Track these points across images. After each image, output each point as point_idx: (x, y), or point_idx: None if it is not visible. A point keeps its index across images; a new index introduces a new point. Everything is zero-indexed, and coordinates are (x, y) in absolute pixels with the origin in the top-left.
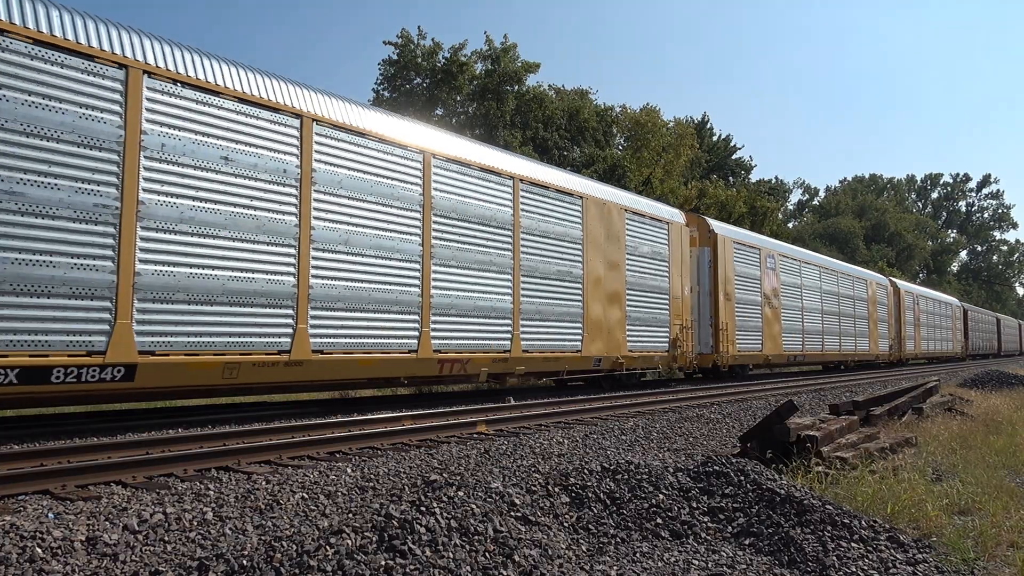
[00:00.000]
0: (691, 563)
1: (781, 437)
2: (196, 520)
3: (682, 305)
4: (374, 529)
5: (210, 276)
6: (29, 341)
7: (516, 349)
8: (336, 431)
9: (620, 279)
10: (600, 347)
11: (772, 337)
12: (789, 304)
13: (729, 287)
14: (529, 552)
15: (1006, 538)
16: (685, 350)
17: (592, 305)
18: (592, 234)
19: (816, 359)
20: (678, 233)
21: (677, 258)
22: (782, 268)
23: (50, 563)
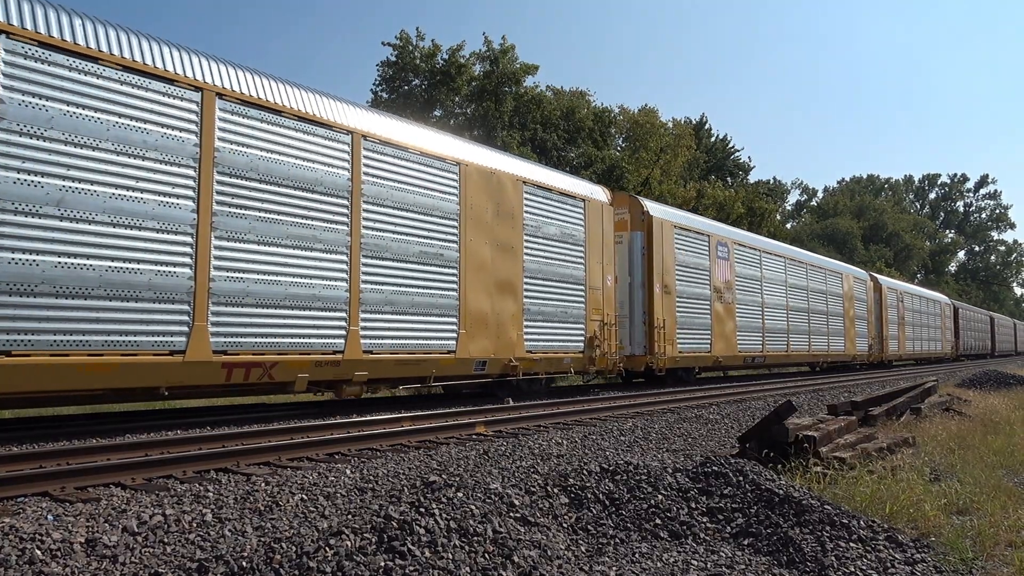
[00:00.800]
0: (690, 563)
1: (780, 437)
2: (195, 522)
3: (603, 298)
4: (373, 530)
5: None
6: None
7: (354, 350)
8: (335, 432)
9: (515, 265)
10: (484, 347)
11: (724, 336)
12: (746, 299)
13: (668, 278)
14: (528, 553)
15: (1004, 538)
16: (607, 351)
17: (473, 295)
18: (474, 209)
19: (780, 360)
20: (598, 213)
21: (597, 242)
22: (738, 258)
23: (49, 565)
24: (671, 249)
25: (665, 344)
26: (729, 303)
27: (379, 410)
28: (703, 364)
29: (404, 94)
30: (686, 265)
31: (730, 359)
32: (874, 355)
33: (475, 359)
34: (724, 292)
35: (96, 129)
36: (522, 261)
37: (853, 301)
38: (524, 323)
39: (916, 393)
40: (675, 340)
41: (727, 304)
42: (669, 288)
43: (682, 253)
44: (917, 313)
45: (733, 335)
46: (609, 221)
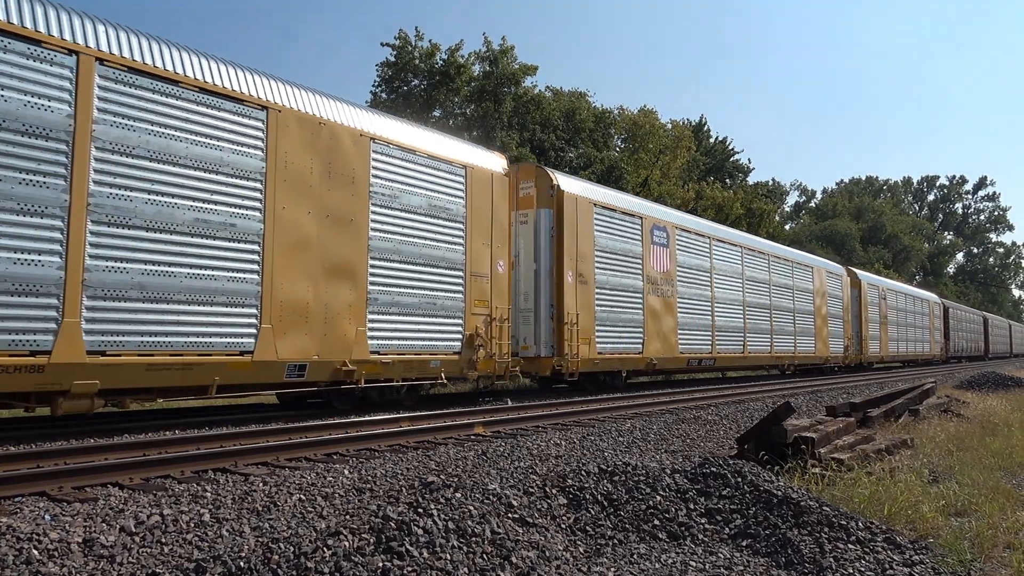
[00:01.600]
0: (688, 564)
1: (778, 439)
2: (193, 522)
3: (492, 287)
4: (372, 531)
5: None
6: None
7: (70, 350)
8: (333, 432)
9: (357, 242)
10: (304, 347)
11: (661, 335)
12: (692, 292)
13: (585, 266)
14: (527, 554)
15: (1003, 539)
16: (495, 351)
17: (286, 279)
18: (290, 169)
19: (735, 363)
20: (486, 184)
21: (484, 219)
22: (682, 245)
23: (47, 565)
24: (589, 231)
25: (579, 343)
26: (668, 297)
27: (377, 411)
28: (633, 367)
29: (403, 94)
30: (611, 251)
31: (669, 361)
32: (851, 357)
33: (288, 362)
34: (662, 284)
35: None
36: (367, 238)
37: (826, 297)
38: (368, 316)
39: (914, 395)
40: (593, 339)
41: (666, 298)
42: (586, 277)
43: (605, 236)
44: (902, 312)
45: (673, 334)
46: (504, 195)
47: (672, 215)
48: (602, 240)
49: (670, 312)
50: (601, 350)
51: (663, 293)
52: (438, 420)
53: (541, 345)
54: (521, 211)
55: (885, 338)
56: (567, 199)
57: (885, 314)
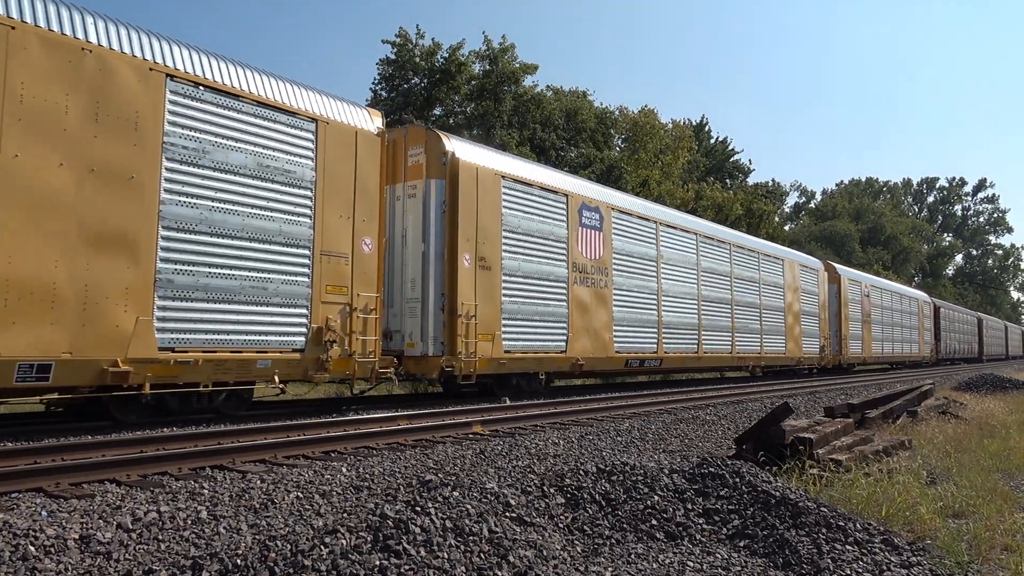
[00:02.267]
0: (686, 565)
1: (776, 439)
2: (190, 519)
3: (353, 271)
4: (369, 529)
5: None
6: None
7: None
8: (331, 430)
9: (141, 207)
10: (46, 342)
11: (591, 331)
12: (632, 283)
13: (489, 248)
14: (524, 553)
15: (1000, 541)
16: (355, 349)
17: (15, 250)
18: (28, 105)
19: (688, 364)
20: (347, 144)
21: (344, 187)
22: (620, 229)
23: (43, 561)
24: (495, 208)
25: (477, 340)
26: (602, 288)
27: (376, 409)
28: (554, 368)
29: (404, 93)
30: (525, 233)
31: (601, 362)
32: (828, 358)
33: (17, 360)
34: (593, 272)
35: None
36: (158, 201)
37: (799, 293)
38: (157, 303)
39: (913, 396)
40: (499, 335)
41: (598, 289)
42: (489, 262)
43: (517, 215)
44: (888, 311)
45: (607, 330)
46: (374, 158)
47: (607, 194)
48: (513, 219)
49: (603, 305)
50: (510, 348)
51: (594, 283)
52: (436, 419)
53: (428, 342)
54: (410, 182)
55: (868, 338)
56: (464, 169)
57: (868, 312)
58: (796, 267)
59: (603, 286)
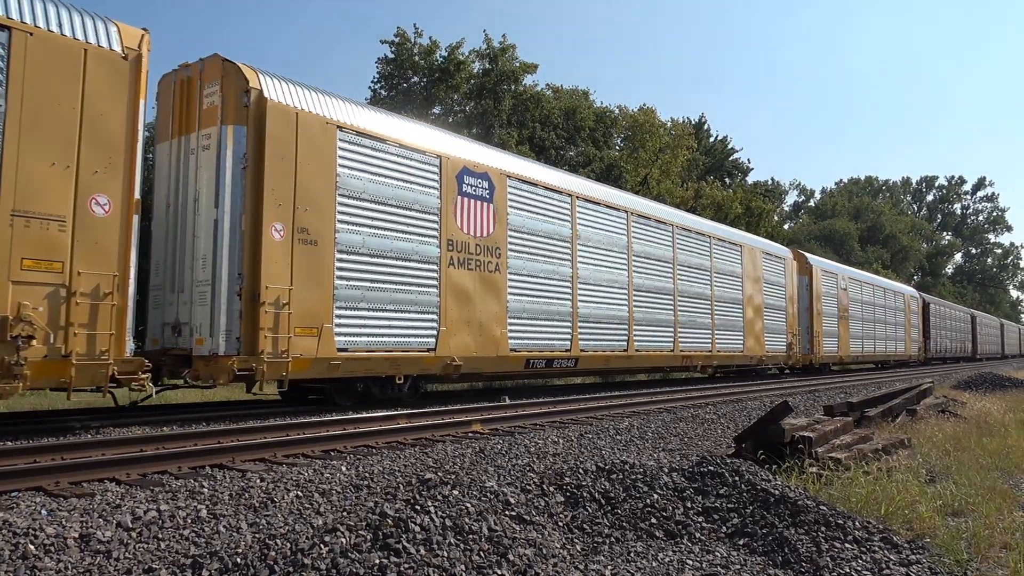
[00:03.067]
0: (685, 563)
1: (776, 438)
2: (190, 518)
3: (74, 240)
4: (369, 527)
5: None
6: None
7: None
8: (331, 429)
9: None
10: None
11: (471, 323)
12: (536, 267)
13: (314, 218)
14: (524, 551)
15: (999, 540)
16: (73, 348)
17: None
18: None
19: (615, 364)
20: (67, 64)
21: (57, 122)
22: (518, 202)
23: (43, 560)
24: (326, 167)
25: (292, 335)
26: (491, 271)
27: (375, 408)
28: (418, 371)
29: (403, 91)
30: (374, 200)
31: (489, 362)
32: (796, 356)
33: None
34: (478, 253)
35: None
36: None
37: (761, 284)
38: None
39: (912, 395)
40: (329, 329)
41: (485, 273)
42: (315, 235)
43: (361, 177)
44: (869, 306)
45: (496, 323)
46: (120, 88)
47: (500, 158)
48: (355, 182)
49: (493, 293)
50: (347, 346)
51: (481, 266)
52: (436, 417)
53: (219, 337)
54: (204, 130)
55: (845, 335)
56: (276, 113)
57: (846, 307)
58: (758, 254)
59: (493, 269)
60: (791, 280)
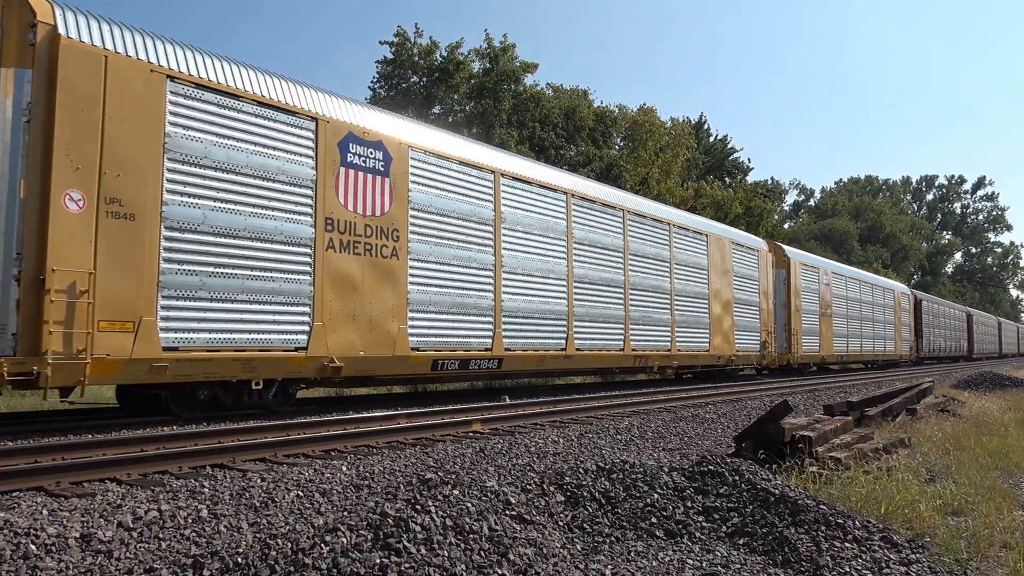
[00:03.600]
0: (685, 562)
1: (776, 437)
2: (191, 517)
3: None
4: (369, 527)
5: None
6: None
7: None
8: (331, 429)
9: None
10: None
11: (363, 319)
12: (447, 253)
13: (130, 187)
14: (524, 551)
15: (999, 539)
16: None
17: None
18: None
19: (550, 365)
20: None
21: None
22: (425, 177)
23: (44, 560)
24: (150, 124)
25: (95, 331)
26: (386, 256)
27: (375, 408)
28: (285, 373)
29: (403, 91)
30: (219, 168)
31: (382, 363)
32: (771, 356)
33: None
34: (369, 235)
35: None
36: None
37: (730, 277)
38: None
39: (912, 394)
40: (150, 323)
41: (378, 258)
42: (131, 207)
43: (202, 141)
44: (856, 303)
45: (395, 318)
46: None
47: (397, 125)
48: (191, 145)
49: (388, 282)
50: (177, 344)
51: (372, 250)
52: (436, 417)
53: None
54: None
55: (828, 334)
56: (73, 56)
57: (829, 303)
58: (727, 245)
59: (389, 255)
60: (766, 274)
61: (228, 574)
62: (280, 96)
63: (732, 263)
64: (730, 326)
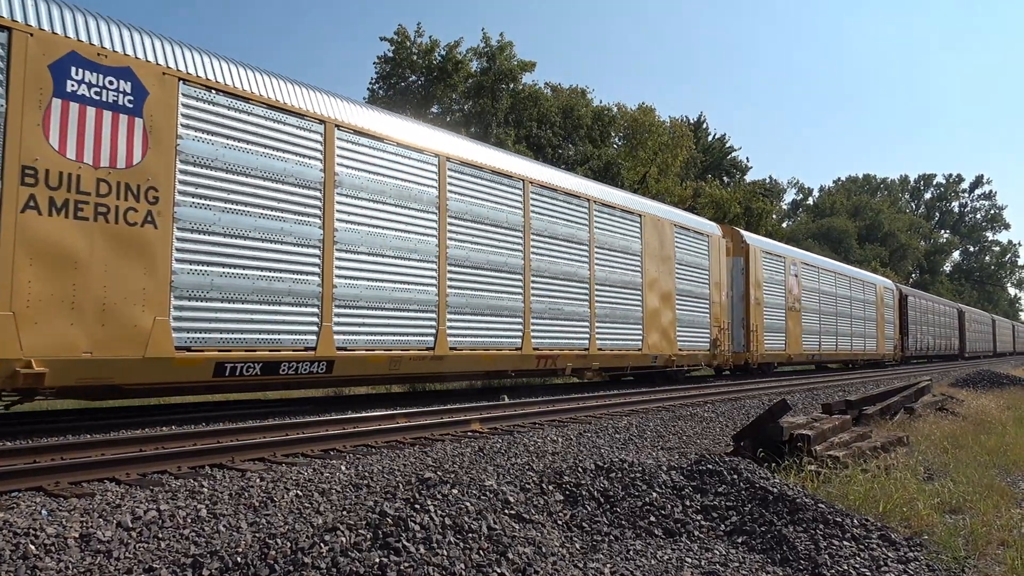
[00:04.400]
0: (684, 561)
1: (774, 436)
2: (190, 517)
3: None
4: (368, 526)
5: None
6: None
7: None
8: (330, 429)
9: None
10: None
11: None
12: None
13: None
14: (523, 550)
15: (997, 536)
16: None
17: None
18: None
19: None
20: None
21: None
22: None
23: (43, 560)
24: None
25: None
26: (133, 224)
27: (374, 407)
28: None
29: (401, 90)
30: None
31: (121, 368)
32: (725, 355)
33: None
34: (105, 193)
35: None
36: None
37: (670, 264)
38: None
39: (910, 393)
40: None
41: (120, 224)
42: None
43: None
44: (830, 296)
45: (145, 306)
46: None
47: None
48: None
49: (136, 258)
50: None
51: (110, 214)
52: (435, 416)
53: None
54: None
55: (797, 330)
56: None
57: (798, 297)
58: (667, 228)
59: (141, 221)
60: (718, 262)
61: (227, 574)
62: None
63: (675, 249)
64: (671, 321)
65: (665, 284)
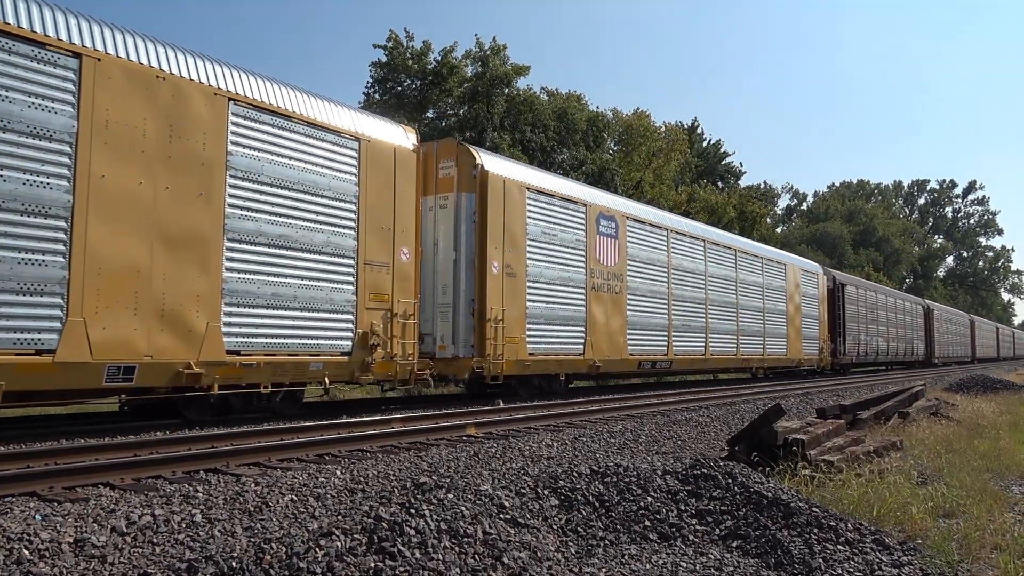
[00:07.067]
0: (679, 565)
1: (769, 440)
2: (185, 522)
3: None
4: (364, 531)
5: None
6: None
7: None
8: (325, 433)
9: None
10: None
11: None
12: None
13: None
14: (518, 554)
15: (990, 540)
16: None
17: None
18: None
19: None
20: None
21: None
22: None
23: (37, 565)
24: None
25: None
26: None
27: (370, 411)
28: None
29: (396, 95)
30: None
31: None
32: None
33: None
34: None
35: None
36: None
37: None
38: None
39: (904, 397)
40: None
41: None
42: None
43: None
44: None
45: None
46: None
47: None
48: None
49: None
50: None
51: None
52: (430, 421)
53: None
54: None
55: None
56: None
57: (618, 273)
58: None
59: None
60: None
61: None
62: None
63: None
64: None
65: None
